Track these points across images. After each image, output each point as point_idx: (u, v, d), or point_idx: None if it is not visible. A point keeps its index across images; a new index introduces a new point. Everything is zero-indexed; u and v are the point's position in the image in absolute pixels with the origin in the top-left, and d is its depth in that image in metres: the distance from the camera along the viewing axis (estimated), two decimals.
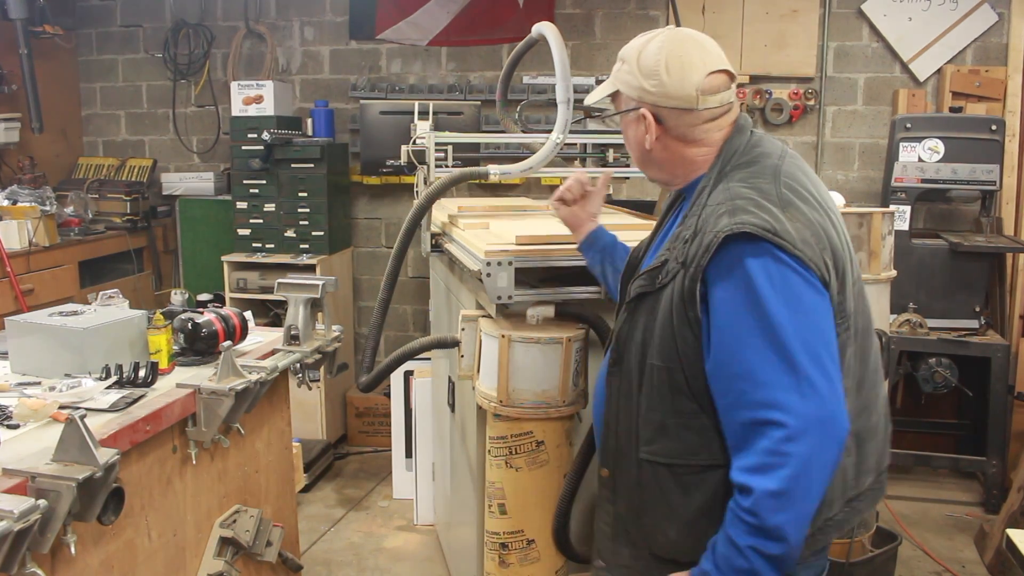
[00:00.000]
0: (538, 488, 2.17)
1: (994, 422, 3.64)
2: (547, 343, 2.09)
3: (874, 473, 1.45)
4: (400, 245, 2.49)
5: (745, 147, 1.44)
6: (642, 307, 1.43)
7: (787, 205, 1.33)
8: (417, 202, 2.52)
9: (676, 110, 1.44)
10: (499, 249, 2.16)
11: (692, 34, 1.48)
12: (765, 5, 4.30)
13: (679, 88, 1.43)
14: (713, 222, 1.32)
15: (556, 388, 2.11)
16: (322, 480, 4.02)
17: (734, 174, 1.41)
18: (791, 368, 1.23)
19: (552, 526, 2.17)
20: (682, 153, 1.48)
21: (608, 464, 1.52)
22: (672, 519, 1.41)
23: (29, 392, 1.79)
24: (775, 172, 1.39)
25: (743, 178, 1.39)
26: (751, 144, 1.45)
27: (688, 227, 1.38)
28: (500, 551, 2.22)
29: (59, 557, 1.44)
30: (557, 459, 2.16)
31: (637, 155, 1.55)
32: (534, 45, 2.71)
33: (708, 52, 1.45)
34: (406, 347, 2.37)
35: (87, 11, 4.95)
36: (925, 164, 3.78)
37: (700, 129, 1.45)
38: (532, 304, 2.18)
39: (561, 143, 2.49)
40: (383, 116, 4.37)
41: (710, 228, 1.32)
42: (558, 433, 2.16)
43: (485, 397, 2.18)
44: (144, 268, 4.73)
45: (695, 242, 1.34)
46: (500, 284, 2.13)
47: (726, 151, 1.45)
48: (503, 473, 2.19)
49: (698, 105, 1.43)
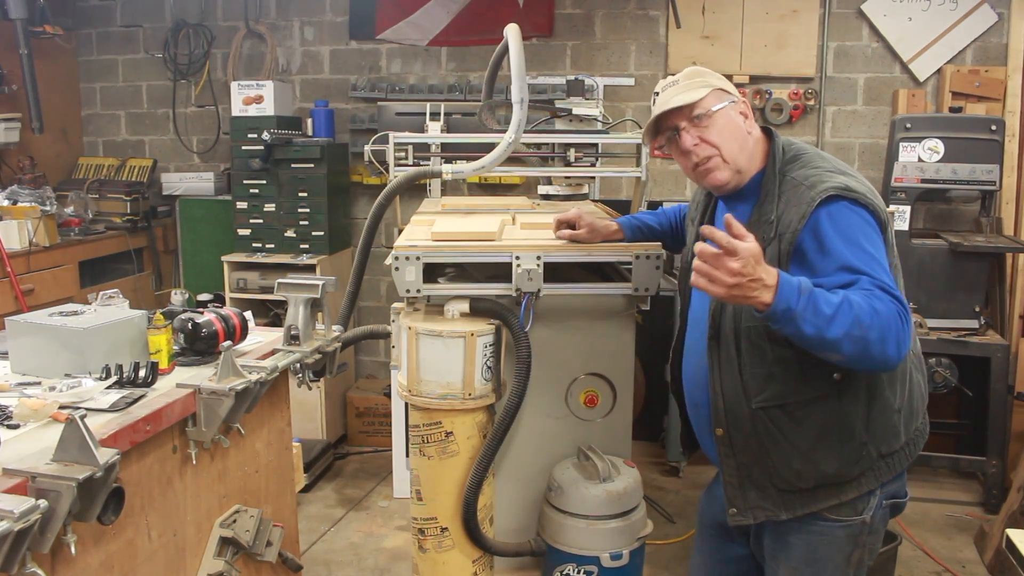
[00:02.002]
0: (449, 477, 2.26)
1: (994, 422, 3.64)
2: (448, 336, 2.18)
3: (923, 412, 1.79)
4: (364, 242, 2.60)
5: (784, 148, 1.76)
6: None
7: (844, 172, 1.67)
8: (376, 201, 2.61)
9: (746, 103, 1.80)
10: (408, 244, 2.29)
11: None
12: (765, 5, 4.30)
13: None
14: (798, 198, 1.63)
15: (460, 381, 2.19)
16: (322, 480, 4.02)
17: (790, 168, 1.71)
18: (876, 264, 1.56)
19: (460, 515, 2.24)
20: (756, 139, 1.78)
21: (721, 424, 1.76)
22: (793, 452, 1.69)
23: (29, 392, 1.79)
24: (820, 155, 1.74)
25: (802, 165, 1.71)
26: (786, 145, 1.77)
27: (766, 213, 1.68)
28: (419, 536, 2.33)
29: (59, 557, 1.44)
30: (468, 450, 2.25)
31: (739, 143, 1.75)
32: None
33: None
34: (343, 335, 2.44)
35: (87, 11, 4.96)
36: (925, 164, 3.78)
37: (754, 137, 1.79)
38: (448, 300, 2.28)
39: (515, 143, 2.57)
40: (399, 117, 4.42)
41: (796, 203, 1.63)
42: (468, 425, 2.25)
43: (400, 387, 2.31)
44: (144, 268, 4.74)
45: (784, 218, 1.64)
46: (408, 278, 2.25)
47: (772, 156, 1.75)
48: (419, 461, 2.30)
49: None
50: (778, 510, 1.75)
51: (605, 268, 2.57)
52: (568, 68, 4.55)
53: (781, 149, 1.75)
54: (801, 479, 1.70)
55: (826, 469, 1.69)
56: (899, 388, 1.71)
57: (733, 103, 1.76)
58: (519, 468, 2.51)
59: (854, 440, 1.67)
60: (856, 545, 1.74)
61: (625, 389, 2.50)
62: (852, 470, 1.70)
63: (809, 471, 1.69)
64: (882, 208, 1.64)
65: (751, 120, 1.79)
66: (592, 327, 2.45)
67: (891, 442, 1.72)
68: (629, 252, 2.30)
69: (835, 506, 1.71)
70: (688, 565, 3.26)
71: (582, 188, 3.37)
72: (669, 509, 3.68)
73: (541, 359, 2.35)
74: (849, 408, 1.66)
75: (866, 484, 1.71)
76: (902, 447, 1.73)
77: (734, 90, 1.79)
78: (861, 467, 1.70)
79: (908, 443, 1.74)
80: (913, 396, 1.74)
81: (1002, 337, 3.74)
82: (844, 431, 1.67)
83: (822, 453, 1.68)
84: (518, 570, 2.55)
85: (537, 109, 3.41)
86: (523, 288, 2.24)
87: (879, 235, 1.61)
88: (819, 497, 1.71)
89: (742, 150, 1.74)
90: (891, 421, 1.71)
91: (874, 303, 1.47)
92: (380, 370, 4.92)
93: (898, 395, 1.71)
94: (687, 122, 1.74)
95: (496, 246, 2.33)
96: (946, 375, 3.61)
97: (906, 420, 1.73)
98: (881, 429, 1.70)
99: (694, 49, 4.39)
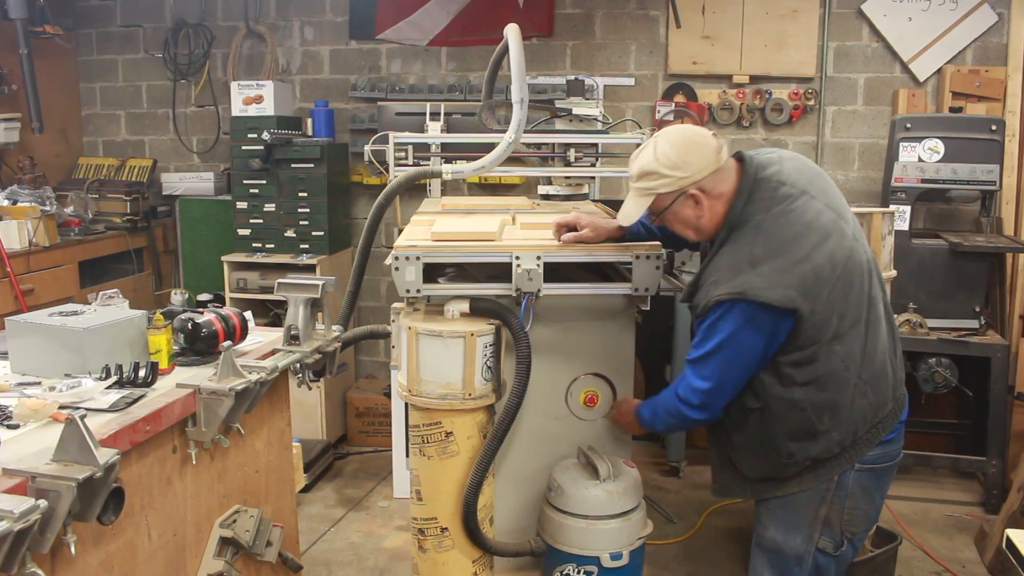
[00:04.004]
0: (449, 477, 2.26)
1: (994, 422, 3.64)
2: (448, 337, 2.18)
3: (891, 401, 1.98)
4: (364, 242, 2.60)
5: (741, 211, 1.93)
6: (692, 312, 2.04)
7: (756, 264, 1.86)
8: (376, 201, 2.61)
9: (710, 176, 1.94)
10: (408, 244, 2.29)
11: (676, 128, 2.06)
12: (765, 5, 4.30)
13: (706, 160, 1.94)
14: (709, 284, 1.92)
15: (460, 381, 2.19)
16: (322, 480, 4.02)
17: (730, 238, 1.94)
18: (699, 366, 1.98)
19: (460, 515, 2.24)
20: (716, 209, 1.97)
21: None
22: (735, 450, 2.07)
23: (29, 392, 1.79)
24: (756, 229, 1.90)
25: (733, 241, 1.93)
26: (747, 204, 1.93)
27: (698, 277, 1.99)
28: (419, 537, 2.33)
29: (59, 557, 1.44)
30: (468, 450, 2.25)
31: (692, 228, 2.02)
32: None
33: (697, 130, 2.04)
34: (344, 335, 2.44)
35: (87, 11, 4.96)
36: (925, 164, 3.77)
37: (722, 181, 1.96)
38: (448, 300, 2.28)
39: (515, 143, 2.56)
40: (399, 117, 4.40)
41: (707, 289, 1.92)
42: (468, 425, 2.25)
43: (400, 387, 2.30)
44: (144, 268, 4.74)
45: (698, 294, 1.96)
46: (408, 278, 2.25)
47: (729, 218, 1.95)
48: (419, 461, 2.30)
49: (721, 163, 1.96)
50: (744, 492, 2.11)
51: (605, 268, 2.57)
52: (568, 68, 4.55)
53: (737, 213, 1.94)
54: (748, 471, 2.07)
55: (759, 470, 2.04)
56: (826, 414, 1.92)
57: (681, 196, 1.96)
58: (519, 468, 2.51)
59: (780, 452, 1.97)
60: (823, 502, 1.99)
61: (625, 389, 2.50)
62: (783, 471, 2.00)
63: (749, 468, 2.06)
64: (783, 299, 1.82)
65: (704, 199, 1.96)
66: (592, 327, 2.45)
67: (825, 452, 1.95)
68: (629, 252, 2.30)
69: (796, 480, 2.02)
70: (689, 565, 3.27)
71: (582, 188, 3.37)
72: (669, 509, 3.68)
73: (541, 359, 2.35)
74: (771, 426, 1.96)
75: (807, 482, 1.99)
76: (835, 456, 1.96)
77: (684, 180, 1.94)
78: (793, 470, 1.99)
79: (841, 453, 1.96)
80: (841, 417, 1.93)
81: (1002, 337, 3.73)
82: (768, 443, 1.97)
83: (751, 455, 2.04)
84: (518, 570, 2.55)
85: (537, 109, 3.41)
86: (523, 288, 2.24)
87: (765, 328, 1.86)
88: (770, 488, 2.04)
89: (697, 231, 2.02)
90: (817, 440, 1.94)
91: (666, 401, 2.12)
92: (380, 370, 4.92)
93: (823, 419, 1.93)
94: (648, 215, 2.08)
95: (496, 246, 2.33)
96: (946, 375, 3.61)
97: (837, 437, 1.94)
98: (808, 446, 1.95)
99: (694, 49, 4.39)
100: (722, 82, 4.38)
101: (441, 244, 2.33)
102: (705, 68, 4.38)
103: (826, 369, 1.89)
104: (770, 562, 2.08)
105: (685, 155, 1.93)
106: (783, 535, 2.03)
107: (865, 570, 2.80)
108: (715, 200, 1.96)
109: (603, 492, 2.28)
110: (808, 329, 1.85)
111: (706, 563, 3.27)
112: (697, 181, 1.93)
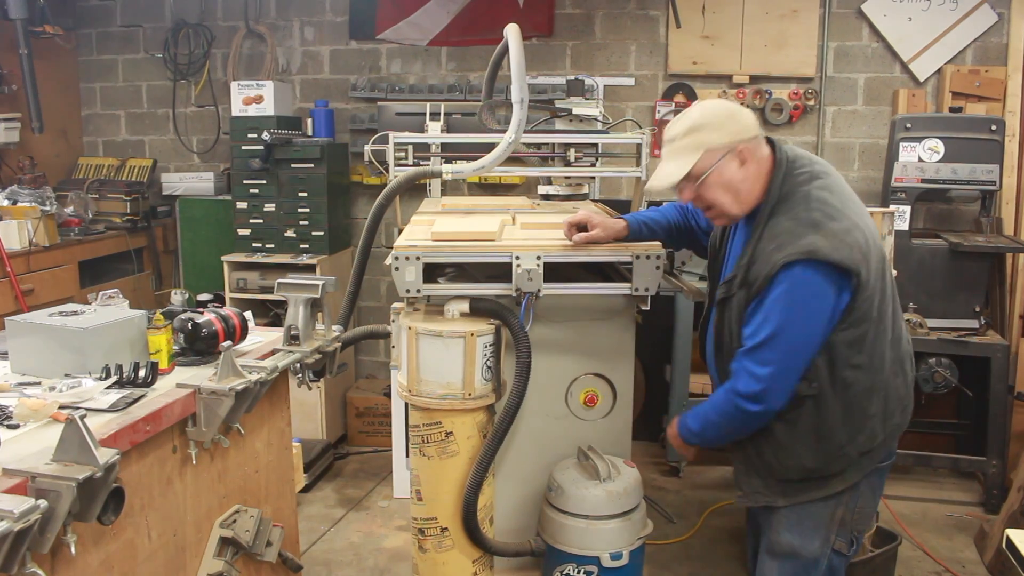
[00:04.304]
0: (449, 477, 2.26)
1: (994, 422, 3.64)
2: (449, 336, 2.18)
3: (911, 391, 2.03)
4: (364, 242, 2.60)
5: (782, 182, 1.90)
6: (726, 306, 1.97)
7: (817, 226, 1.80)
8: (376, 201, 2.60)
9: (754, 140, 1.92)
10: (408, 244, 2.29)
11: (711, 99, 1.99)
12: (765, 5, 4.30)
13: (750, 122, 1.93)
14: (766, 256, 1.83)
15: (460, 381, 2.19)
16: (322, 480, 4.02)
17: (778, 210, 1.88)
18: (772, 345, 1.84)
19: (460, 515, 2.24)
20: (758, 177, 1.92)
21: None
22: (780, 448, 1.95)
23: (29, 392, 1.79)
24: (806, 198, 1.86)
25: (786, 211, 1.87)
26: (787, 175, 1.91)
27: (746, 255, 1.90)
28: (419, 537, 2.33)
29: (59, 557, 1.44)
30: (468, 450, 2.25)
31: (732, 195, 1.92)
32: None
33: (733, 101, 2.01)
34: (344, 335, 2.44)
35: (87, 11, 4.96)
36: (925, 164, 3.77)
37: (761, 150, 1.93)
38: (448, 300, 2.28)
39: (515, 143, 2.56)
40: (399, 117, 4.40)
41: (764, 260, 1.84)
42: (468, 425, 2.25)
43: (400, 387, 2.30)
44: (144, 268, 4.74)
45: (754, 269, 1.86)
46: (408, 278, 2.25)
47: (771, 190, 1.90)
48: (419, 461, 2.29)
49: (760, 133, 1.93)
50: (775, 497, 2.00)
51: (605, 268, 2.57)
52: (568, 68, 4.55)
53: (779, 185, 1.90)
54: (789, 472, 1.97)
55: (808, 464, 1.94)
56: (874, 397, 1.92)
57: (725, 156, 1.89)
58: (519, 468, 2.51)
59: (832, 441, 1.92)
60: (840, 504, 1.98)
61: (625, 389, 2.50)
62: (833, 466, 1.94)
63: (794, 466, 1.95)
64: (849, 260, 1.78)
65: (749, 164, 1.90)
66: (592, 327, 2.45)
67: (869, 442, 1.94)
68: (629, 252, 2.30)
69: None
70: (689, 565, 3.27)
71: (582, 188, 3.37)
72: (669, 509, 3.68)
73: (541, 359, 2.35)
74: (825, 414, 1.90)
75: (850, 477, 1.95)
76: (881, 442, 1.96)
77: (734, 135, 1.89)
78: (842, 464, 1.94)
79: (886, 438, 1.97)
80: (889, 400, 1.95)
81: (1002, 337, 3.73)
82: (822, 433, 1.91)
83: (803, 450, 1.94)
84: (518, 570, 2.55)
85: (537, 109, 3.41)
86: (523, 288, 2.24)
87: (829, 296, 1.81)
88: (809, 489, 1.97)
89: (736, 199, 1.93)
90: (867, 425, 1.93)
91: (720, 403, 1.96)
92: (380, 370, 4.92)
93: (874, 403, 1.92)
94: (683, 182, 1.93)
95: (496, 246, 2.33)
96: (946, 375, 3.61)
97: (883, 421, 1.95)
98: (858, 432, 1.92)
99: (694, 49, 4.39)
100: (722, 82, 4.38)
101: (441, 244, 2.33)
102: (705, 68, 4.38)
103: (874, 350, 1.88)
104: (784, 568, 2.04)
105: (732, 114, 1.92)
106: (800, 540, 2.00)
107: (865, 570, 2.80)
108: (758, 165, 1.91)
109: (603, 492, 2.28)
110: (861, 304, 1.83)
111: (706, 563, 3.27)
112: (745, 139, 1.90)
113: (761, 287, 1.83)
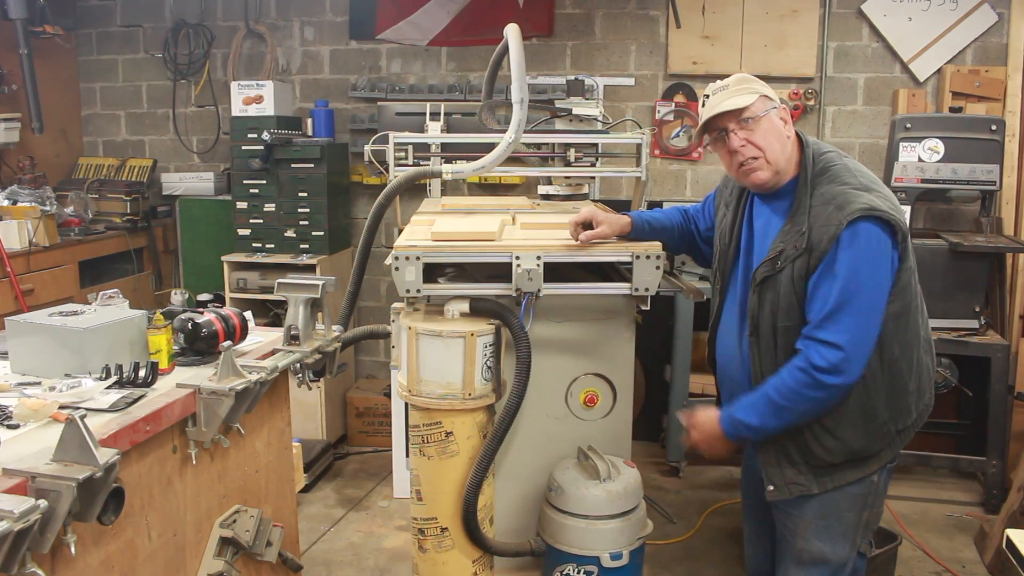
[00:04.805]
0: (449, 477, 2.26)
1: (994, 422, 3.64)
2: (449, 336, 2.18)
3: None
4: (364, 242, 2.60)
5: (815, 159, 1.93)
6: (767, 287, 1.93)
7: (868, 188, 1.85)
8: (376, 201, 2.60)
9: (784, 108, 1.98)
10: (408, 244, 2.28)
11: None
12: (765, 5, 4.30)
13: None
14: (826, 218, 1.83)
15: (460, 381, 2.19)
16: (322, 480, 4.02)
17: (820, 182, 1.89)
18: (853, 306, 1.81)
19: (460, 515, 2.24)
20: (792, 141, 1.96)
21: None
22: (824, 431, 1.92)
23: (29, 392, 1.79)
24: (846, 169, 1.90)
25: (831, 180, 1.89)
26: (816, 155, 1.94)
27: (799, 223, 1.88)
28: (419, 537, 2.33)
29: (59, 557, 1.44)
30: (468, 450, 2.25)
31: (780, 145, 1.93)
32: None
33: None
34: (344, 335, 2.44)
35: (87, 11, 4.96)
36: (925, 164, 3.78)
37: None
38: (448, 300, 2.28)
39: (515, 143, 2.56)
40: (399, 117, 4.40)
41: (824, 223, 1.83)
42: (468, 425, 2.25)
43: (400, 387, 2.30)
44: (144, 268, 4.74)
45: (814, 233, 1.84)
46: (408, 278, 2.25)
47: (804, 166, 1.93)
48: (419, 461, 2.29)
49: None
50: (811, 485, 1.97)
51: (605, 268, 2.57)
52: (568, 68, 4.55)
53: (812, 160, 1.93)
54: (832, 455, 1.94)
55: (854, 445, 1.93)
56: (913, 373, 1.95)
57: (775, 108, 1.94)
58: (519, 468, 2.51)
59: (876, 420, 1.93)
60: (866, 505, 2.00)
61: (625, 389, 2.50)
62: (875, 446, 1.95)
63: (839, 448, 1.93)
64: (902, 221, 1.83)
65: (790, 125, 1.96)
66: (592, 327, 2.45)
67: (906, 419, 1.98)
68: (629, 252, 2.30)
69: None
70: (689, 565, 3.27)
71: (582, 188, 3.36)
72: (669, 509, 3.68)
73: (541, 359, 2.35)
74: (872, 392, 1.91)
75: (885, 457, 1.98)
76: (913, 421, 2.00)
77: (776, 97, 1.96)
78: (882, 443, 1.96)
79: (917, 417, 2.01)
80: (922, 378, 1.99)
81: (1002, 337, 3.74)
82: (868, 412, 1.92)
83: (850, 431, 1.92)
84: (518, 570, 2.55)
85: (537, 109, 3.40)
86: (523, 288, 2.24)
87: (890, 255, 1.83)
88: (847, 471, 1.96)
89: (783, 152, 1.93)
90: (906, 402, 1.96)
91: (789, 384, 1.85)
92: (380, 370, 4.92)
93: (912, 379, 1.95)
94: (735, 124, 1.92)
95: (496, 246, 2.32)
96: (946, 375, 3.61)
97: (916, 399, 1.99)
98: (898, 409, 1.95)
99: (694, 49, 4.39)
100: None
101: (441, 244, 2.33)
102: (705, 68, 4.38)
103: (912, 324, 1.92)
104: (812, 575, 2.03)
105: (764, 86, 1.99)
106: (831, 545, 1.99)
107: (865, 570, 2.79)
108: (791, 134, 1.97)
109: (603, 492, 2.28)
110: (904, 272, 1.87)
111: (706, 563, 3.27)
112: (780, 106, 1.96)
113: (827, 248, 1.81)
